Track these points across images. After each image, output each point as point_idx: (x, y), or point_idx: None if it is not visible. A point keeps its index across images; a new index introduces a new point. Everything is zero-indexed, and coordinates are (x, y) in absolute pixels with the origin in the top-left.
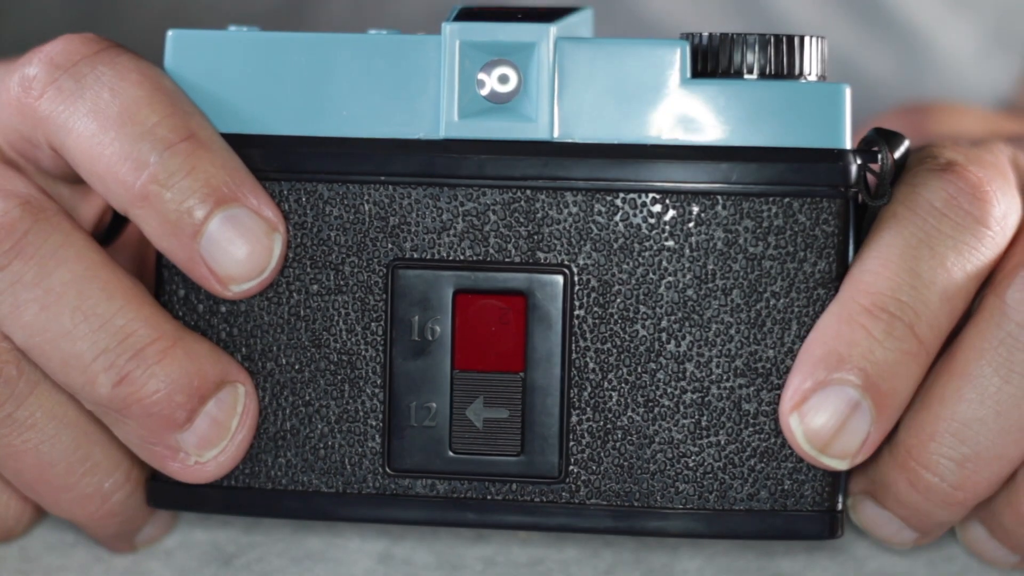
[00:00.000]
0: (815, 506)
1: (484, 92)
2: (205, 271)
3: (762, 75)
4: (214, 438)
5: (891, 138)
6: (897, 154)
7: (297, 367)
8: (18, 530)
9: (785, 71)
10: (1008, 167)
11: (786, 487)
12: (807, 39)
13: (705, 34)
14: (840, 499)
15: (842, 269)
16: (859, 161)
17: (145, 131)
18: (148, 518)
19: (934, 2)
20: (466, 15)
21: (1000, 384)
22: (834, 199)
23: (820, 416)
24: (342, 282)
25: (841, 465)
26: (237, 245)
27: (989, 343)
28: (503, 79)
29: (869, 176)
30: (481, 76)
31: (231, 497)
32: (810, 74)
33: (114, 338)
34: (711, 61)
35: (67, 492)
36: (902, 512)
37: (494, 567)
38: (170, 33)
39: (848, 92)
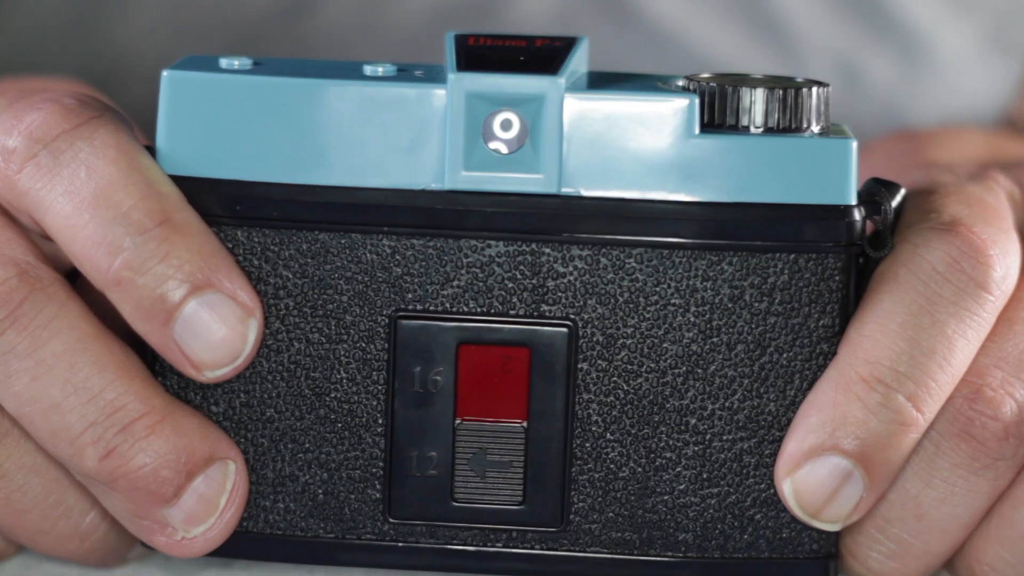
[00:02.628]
0: (812, 553)
1: (490, 144)
2: (179, 356)
3: (766, 128)
4: (202, 514)
5: (889, 188)
6: (895, 203)
7: (297, 415)
8: (5, 556)
9: (791, 125)
10: (1007, 208)
11: (784, 536)
12: (812, 90)
13: (711, 83)
14: (835, 545)
15: (844, 323)
16: (863, 214)
17: (119, 215)
18: (134, 542)
19: (934, 4)
20: (466, 52)
21: (921, 487)
22: (839, 254)
23: (812, 484)
24: (343, 332)
25: (833, 528)
26: (211, 331)
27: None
28: (510, 131)
29: (869, 224)
30: (487, 127)
31: (230, 540)
32: (814, 125)
33: (103, 412)
34: (717, 114)
35: (44, 535)
36: None
37: None
38: (165, 75)
39: (855, 147)
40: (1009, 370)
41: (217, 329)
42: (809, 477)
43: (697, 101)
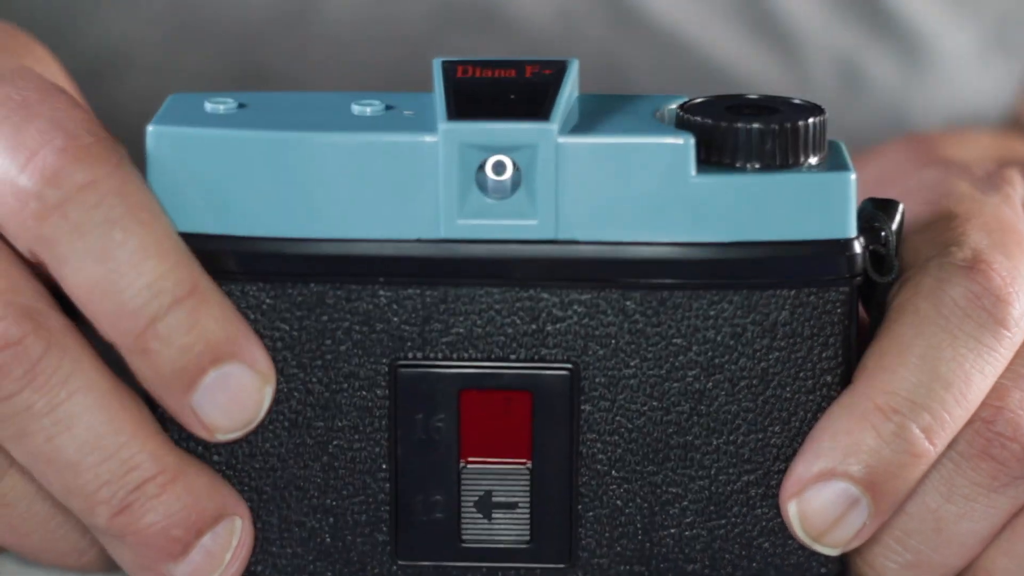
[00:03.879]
0: None
1: (484, 191)
2: (194, 421)
3: (763, 164)
4: (207, 570)
5: (887, 208)
6: (895, 224)
7: (301, 463)
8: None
9: (788, 160)
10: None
11: (793, 562)
12: (808, 123)
13: (701, 118)
14: (844, 568)
15: (848, 354)
16: (864, 245)
17: (151, 282)
18: None
19: (936, 5)
20: (456, 94)
21: (941, 503)
22: (841, 287)
23: (817, 508)
24: (343, 381)
25: (833, 552)
26: (228, 401)
27: (934, 464)
28: (503, 176)
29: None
30: (480, 174)
31: None
32: (811, 157)
33: (118, 471)
34: (713, 152)
35: (45, 553)
36: None
37: None
38: (150, 130)
39: (853, 179)
40: None
41: (235, 398)
42: (815, 500)
43: (693, 141)
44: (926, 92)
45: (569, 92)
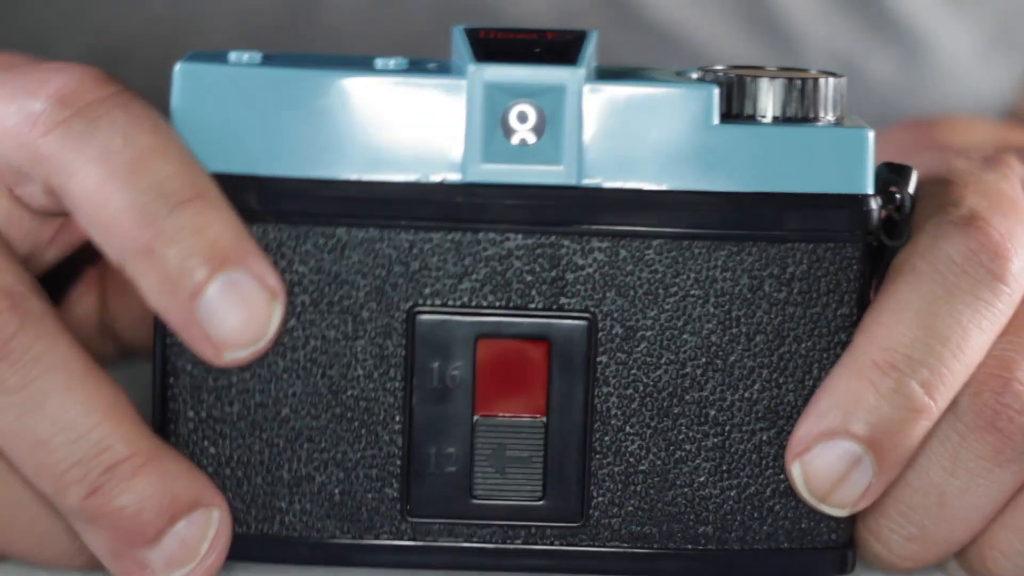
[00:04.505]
0: (830, 543)
1: (509, 136)
2: (200, 334)
3: (783, 118)
4: (182, 559)
5: (902, 172)
6: (911, 189)
7: (313, 413)
8: None
9: (808, 114)
10: (1021, 193)
11: (803, 526)
12: (828, 80)
13: (724, 73)
14: (851, 535)
15: (862, 311)
16: (879, 204)
17: (155, 183)
18: None
19: (935, 3)
20: (480, 45)
21: (945, 477)
22: (857, 244)
23: (821, 468)
24: (360, 328)
25: (841, 513)
26: (236, 310)
27: (938, 437)
28: (529, 122)
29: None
30: (506, 119)
31: (244, 544)
32: (830, 114)
33: (89, 451)
34: (734, 104)
35: (35, 559)
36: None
37: None
38: (177, 68)
39: (871, 136)
40: None
41: (242, 308)
42: (818, 460)
43: (716, 91)
44: (925, 90)
45: (592, 48)
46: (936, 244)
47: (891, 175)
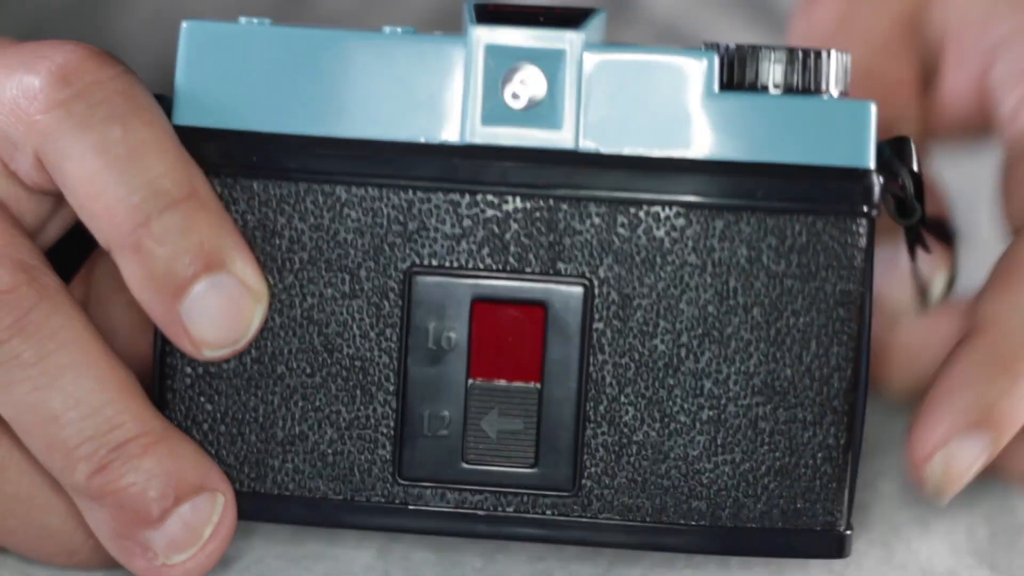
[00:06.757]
0: (825, 525)
1: (509, 98)
2: (181, 331)
3: (786, 89)
4: (184, 542)
5: (900, 149)
6: (914, 164)
7: (308, 371)
8: None
9: (811, 86)
10: None
11: (798, 506)
12: (831, 53)
13: (730, 45)
14: (849, 519)
15: (863, 289)
16: (882, 181)
17: (149, 180)
18: None
19: None
20: (485, 14)
21: None
22: (858, 218)
23: (951, 466)
24: (357, 287)
25: (942, 502)
26: (218, 312)
27: None
28: (530, 86)
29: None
30: (506, 82)
31: (237, 501)
32: (833, 88)
33: (100, 428)
34: (736, 74)
35: (32, 553)
36: None
37: (494, 564)
38: (184, 25)
39: (874, 110)
40: None
41: (224, 311)
42: (949, 460)
43: (716, 59)
44: None
45: (599, 21)
46: None
47: (891, 154)
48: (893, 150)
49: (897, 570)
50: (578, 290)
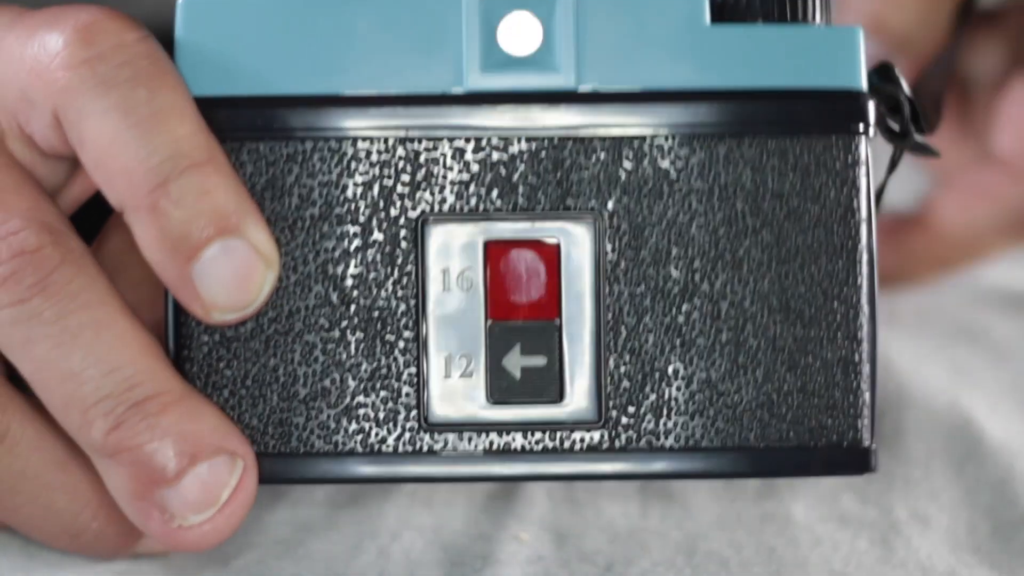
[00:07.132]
0: (850, 441)
1: (506, 44)
2: (192, 293)
3: (774, 19)
4: (200, 503)
5: (887, 74)
6: (904, 90)
7: (327, 326)
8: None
9: (797, 16)
10: None
11: (822, 423)
12: None
13: None
14: (872, 433)
15: (866, 205)
16: (876, 102)
17: (172, 141)
18: (140, 538)
19: None
20: None
21: None
22: (856, 136)
23: None
24: (370, 238)
25: None
26: (230, 275)
27: None
28: (525, 30)
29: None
30: (502, 28)
31: (263, 464)
32: (818, 19)
33: (119, 386)
34: (726, 12)
35: (36, 532)
36: None
37: (496, 564)
38: None
39: (862, 35)
40: None
41: (236, 275)
42: None
43: None
44: None
45: None
46: None
47: (880, 80)
48: (880, 73)
49: (897, 568)
50: (589, 224)
